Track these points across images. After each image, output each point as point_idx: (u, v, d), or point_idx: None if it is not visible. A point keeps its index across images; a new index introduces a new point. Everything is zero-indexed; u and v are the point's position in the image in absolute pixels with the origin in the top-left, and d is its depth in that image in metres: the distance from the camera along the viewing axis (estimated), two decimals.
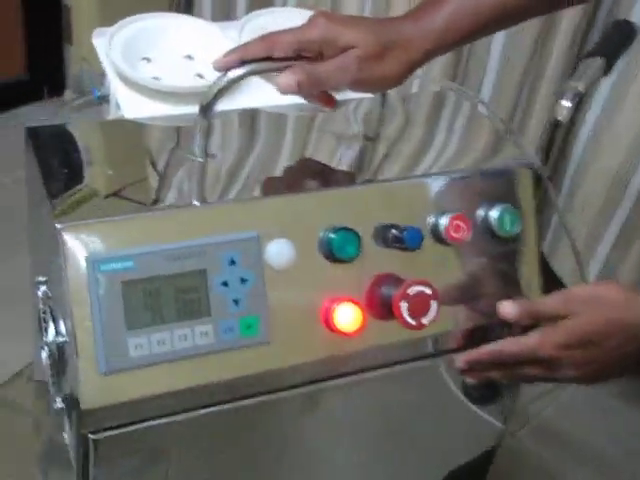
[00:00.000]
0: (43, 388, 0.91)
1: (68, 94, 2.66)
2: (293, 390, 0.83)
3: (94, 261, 0.73)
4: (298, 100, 0.87)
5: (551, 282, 0.96)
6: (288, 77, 0.80)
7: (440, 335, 0.87)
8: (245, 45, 0.83)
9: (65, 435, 0.84)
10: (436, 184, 0.87)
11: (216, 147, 0.89)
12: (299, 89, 0.80)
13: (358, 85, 0.83)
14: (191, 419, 0.80)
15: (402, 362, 0.88)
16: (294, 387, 0.83)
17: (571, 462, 1.69)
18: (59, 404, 0.82)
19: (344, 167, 0.90)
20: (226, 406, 0.81)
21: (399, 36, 0.82)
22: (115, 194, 0.83)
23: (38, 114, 2.48)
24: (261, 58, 0.81)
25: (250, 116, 0.97)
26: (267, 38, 0.81)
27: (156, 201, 0.84)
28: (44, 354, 0.81)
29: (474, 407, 1.01)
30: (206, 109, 0.81)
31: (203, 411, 0.80)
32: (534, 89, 1.72)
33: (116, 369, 0.75)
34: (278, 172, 0.89)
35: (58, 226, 0.73)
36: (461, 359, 0.88)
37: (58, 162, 0.84)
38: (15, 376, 1.50)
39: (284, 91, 0.80)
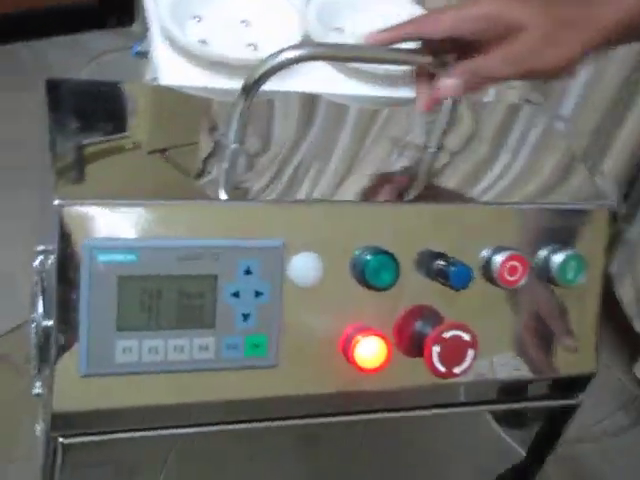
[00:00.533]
0: None
1: (136, 26, 2.58)
2: (295, 420, 0.74)
3: (92, 248, 0.64)
4: (361, 91, 0.76)
5: (611, 305, 0.85)
6: (451, 80, 0.70)
7: (473, 385, 0.77)
8: (398, 25, 0.72)
9: (37, 426, 0.75)
10: (495, 214, 0.76)
11: (262, 133, 0.79)
12: (465, 91, 0.70)
13: (526, 77, 0.71)
14: (177, 436, 0.71)
15: (424, 407, 0.78)
16: (297, 418, 0.73)
17: None
18: (37, 389, 0.73)
19: (395, 179, 0.79)
20: (218, 428, 0.72)
21: (578, 9, 0.68)
22: (159, 152, 0.75)
23: (102, 42, 2.42)
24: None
25: (307, 102, 0.87)
26: (420, 18, 0.71)
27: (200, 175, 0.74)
28: (32, 328, 0.72)
29: (498, 434, 0.90)
30: (249, 89, 0.70)
31: (191, 430, 0.71)
32: (624, 111, 1.56)
33: (98, 373, 0.66)
34: (326, 173, 0.78)
35: (57, 202, 0.63)
36: None
37: (77, 120, 0.74)
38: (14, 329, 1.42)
39: (447, 95, 0.71)
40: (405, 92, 0.81)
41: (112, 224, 0.64)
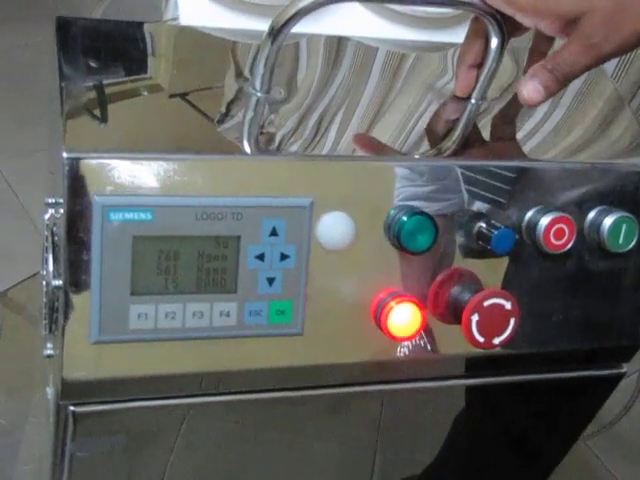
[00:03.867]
0: None
1: None
2: (322, 390, 0.69)
3: (104, 206, 0.58)
4: (398, 34, 0.70)
5: None
6: (531, 84, 0.65)
7: (513, 355, 0.72)
8: None
9: (48, 390, 0.71)
10: (542, 173, 0.70)
11: (288, 79, 0.73)
12: (548, 93, 0.66)
13: (604, 59, 0.66)
14: (195, 406, 0.67)
15: (458, 377, 0.73)
16: (324, 388, 0.69)
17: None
18: (49, 350, 0.69)
19: (431, 131, 0.73)
20: (239, 397, 0.67)
21: None
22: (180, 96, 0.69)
23: None
24: None
25: (334, 45, 0.80)
26: None
27: (222, 120, 0.69)
28: (43, 285, 0.68)
29: None
30: (277, 32, 0.64)
31: (210, 399, 0.67)
32: None
33: (111, 339, 0.61)
34: (358, 124, 0.72)
35: (65, 155, 0.58)
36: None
37: (89, 63, 0.69)
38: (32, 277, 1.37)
39: (530, 102, 0.66)
40: (443, 36, 0.74)
41: (126, 179, 0.59)
